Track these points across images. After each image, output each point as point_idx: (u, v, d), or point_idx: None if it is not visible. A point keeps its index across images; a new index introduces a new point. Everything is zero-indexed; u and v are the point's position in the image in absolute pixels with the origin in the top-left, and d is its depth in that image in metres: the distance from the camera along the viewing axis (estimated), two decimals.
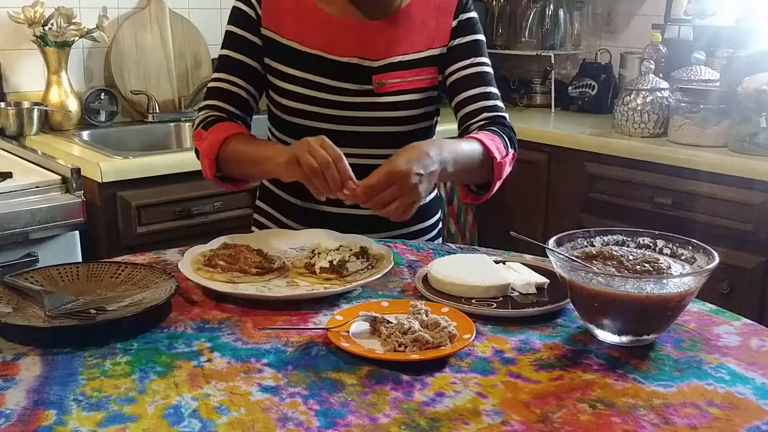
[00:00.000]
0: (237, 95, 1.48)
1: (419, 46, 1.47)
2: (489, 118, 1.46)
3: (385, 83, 1.44)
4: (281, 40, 1.46)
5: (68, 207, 2.00)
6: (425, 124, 1.51)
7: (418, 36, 1.47)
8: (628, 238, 1.13)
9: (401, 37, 1.46)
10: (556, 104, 3.20)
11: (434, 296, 1.14)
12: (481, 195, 1.46)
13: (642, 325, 1.01)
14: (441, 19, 1.48)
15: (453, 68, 1.48)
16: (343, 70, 1.44)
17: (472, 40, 1.49)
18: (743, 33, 2.64)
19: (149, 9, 2.84)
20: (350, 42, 1.45)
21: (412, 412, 0.85)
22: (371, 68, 1.45)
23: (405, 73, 1.46)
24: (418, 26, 1.47)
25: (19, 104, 2.56)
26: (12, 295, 1.11)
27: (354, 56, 1.45)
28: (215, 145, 1.39)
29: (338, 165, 1.21)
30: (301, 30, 1.46)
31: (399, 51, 1.46)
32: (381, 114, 1.45)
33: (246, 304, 1.13)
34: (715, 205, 2.33)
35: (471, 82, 1.48)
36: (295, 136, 1.49)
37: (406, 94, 1.46)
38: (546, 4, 3.24)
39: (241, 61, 1.48)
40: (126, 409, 0.84)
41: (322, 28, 1.45)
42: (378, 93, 1.44)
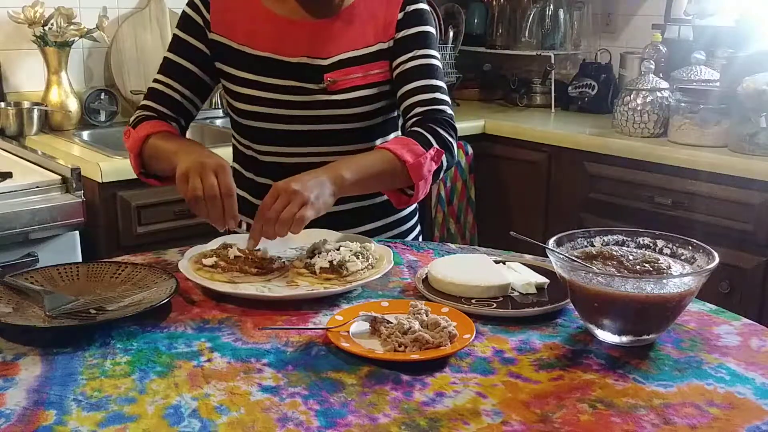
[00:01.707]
0: (172, 98, 1.48)
1: (368, 41, 1.46)
2: (422, 113, 1.42)
3: (337, 81, 1.43)
4: (232, 45, 1.46)
5: (68, 207, 2.00)
6: (382, 118, 1.50)
7: (367, 31, 1.46)
8: (628, 238, 1.13)
9: (350, 33, 1.46)
10: (556, 104, 3.20)
11: (434, 296, 1.14)
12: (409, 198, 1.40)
13: (642, 325, 1.01)
14: (389, 12, 1.47)
15: (398, 61, 1.46)
16: (294, 71, 1.44)
17: (417, 32, 1.47)
18: (743, 33, 2.64)
19: (149, 9, 2.84)
20: (299, 42, 1.45)
21: (412, 412, 0.85)
22: (321, 67, 1.44)
23: (356, 69, 1.45)
24: (367, 21, 1.46)
25: (19, 104, 2.57)
26: (12, 295, 1.11)
27: (304, 56, 1.44)
28: (138, 141, 1.40)
29: (225, 200, 1.19)
30: (252, 33, 1.45)
31: (348, 47, 1.45)
32: (335, 112, 1.45)
33: (246, 304, 1.13)
34: (715, 205, 2.33)
35: (412, 75, 1.45)
36: (255, 140, 1.50)
37: (359, 90, 1.45)
38: (546, 4, 3.24)
39: (181, 65, 1.48)
40: (126, 409, 0.84)
41: (272, 30, 1.45)
42: (331, 91, 1.44)
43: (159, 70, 1.51)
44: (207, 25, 1.47)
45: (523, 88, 3.35)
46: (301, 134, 1.46)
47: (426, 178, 1.36)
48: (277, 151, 1.48)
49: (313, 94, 1.44)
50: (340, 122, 1.46)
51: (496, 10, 3.38)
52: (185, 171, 1.22)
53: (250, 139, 1.51)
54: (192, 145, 1.37)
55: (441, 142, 1.39)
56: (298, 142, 1.46)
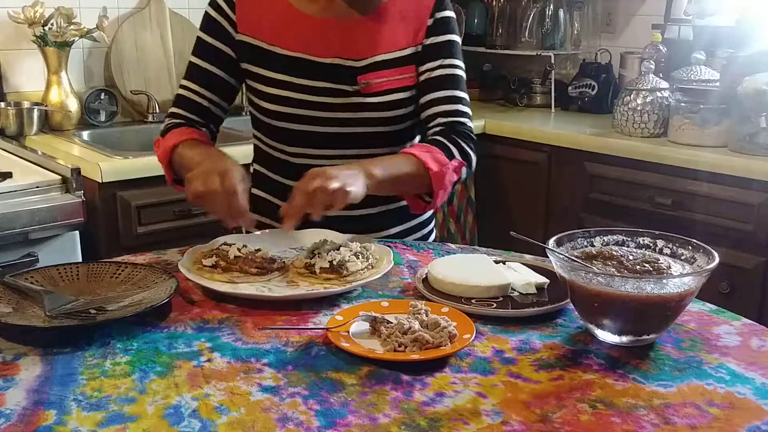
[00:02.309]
0: (200, 105, 1.48)
1: (400, 44, 1.45)
2: (444, 123, 1.44)
3: (371, 83, 1.43)
4: (260, 45, 1.44)
5: (68, 207, 2.00)
6: (410, 122, 1.50)
7: (399, 34, 1.45)
8: (628, 238, 1.13)
9: (383, 35, 1.45)
10: (556, 104, 3.20)
11: (434, 296, 1.14)
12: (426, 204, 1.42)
13: (642, 325, 1.01)
14: (419, 16, 1.46)
15: (423, 68, 1.46)
16: (327, 71, 1.42)
17: (445, 40, 1.47)
18: (743, 33, 2.64)
19: (149, 9, 2.84)
20: (332, 42, 1.43)
21: (412, 412, 0.85)
22: (355, 68, 1.43)
23: (389, 72, 1.44)
24: (398, 23, 1.46)
25: (19, 104, 2.57)
26: (12, 295, 1.11)
27: (336, 57, 1.43)
28: (167, 151, 1.42)
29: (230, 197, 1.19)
30: (281, 32, 1.43)
31: (381, 50, 1.44)
32: (368, 115, 1.44)
33: (246, 304, 1.13)
34: (715, 205, 2.33)
35: (437, 84, 1.46)
36: (282, 141, 1.49)
37: (392, 94, 1.44)
38: (546, 4, 3.24)
39: (207, 70, 1.47)
40: (126, 409, 0.84)
41: (302, 30, 1.43)
42: (364, 93, 1.43)
43: (185, 76, 1.50)
44: (233, 25, 1.45)
45: (523, 88, 3.35)
46: (332, 136, 1.44)
47: (446, 188, 1.38)
48: (306, 152, 1.46)
49: (347, 96, 1.43)
50: (372, 125, 1.45)
51: (496, 10, 3.37)
52: (194, 176, 1.22)
53: (277, 139, 1.49)
54: (212, 154, 1.35)
55: (463, 155, 1.41)
56: (328, 144, 1.44)
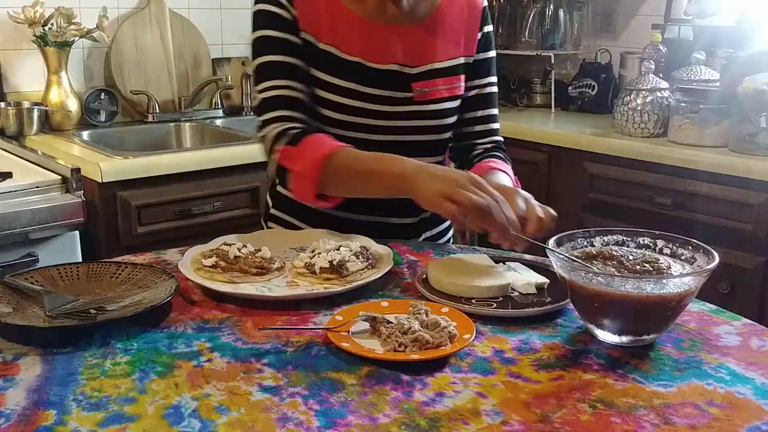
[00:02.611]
0: (303, 103, 1.36)
1: (453, 53, 1.45)
2: (494, 142, 1.50)
3: (427, 91, 1.41)
4: (319, 45, 1.37)
5: (68, 207, 2.01)
6: (451, 133, 1.50)
7: (451, 42, 1.44)
8: (628, 238, 1.13)
9: (437, 42, 1.43)
10: (556, 104, 3.20)
11: (434, 296, 1.14)
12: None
13: (642, 325, 1.01)
14: (469, 28, 1.46)
15: (473, 83, 1.48)
16: (383, 78, 1.38)
17: (489, 57, 1.50)
18: (743, 33, 2.64)
19: (149, 9, 2.85)
20: (389, 48, 1.39)
21: (412, 412, 0.85)
22: (410, 75, 1.40)
23: (442, 81, 1.43)
24: (449, 32, 1.44)
25: (19, 104, 2.57)
26: (12, 295, 1.11)
27: (394, 63, 1.39)
28: (318, 163, 1.27)
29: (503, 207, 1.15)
30: (338, 34, 1.37)
31: (436, 57, 1.43)
32: (420, 123, 1.42)
33: (246, 304, 1.13)
34: (715, 205, 2.33)
35: (483, 102, 1.49)
36: None
37: (445, 102, 1.43)
38: (546, 4, 3.24)
39: (292, 63, 1.36)
40: (126, 409, 0.84)
41: (359, 33, 1.38)
42: (417, 101, 1.41)
43: (265, 78, 1.36)
44: (296, 21, 1.36)
45: (523, 88, 3.35)
46: (382, 144, 1.39)
47: None
48: None
49: (401, 104, 1.40)
50: (423, 133, 1.44)
51: (496, 10, 3.38)
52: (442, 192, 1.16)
53: None
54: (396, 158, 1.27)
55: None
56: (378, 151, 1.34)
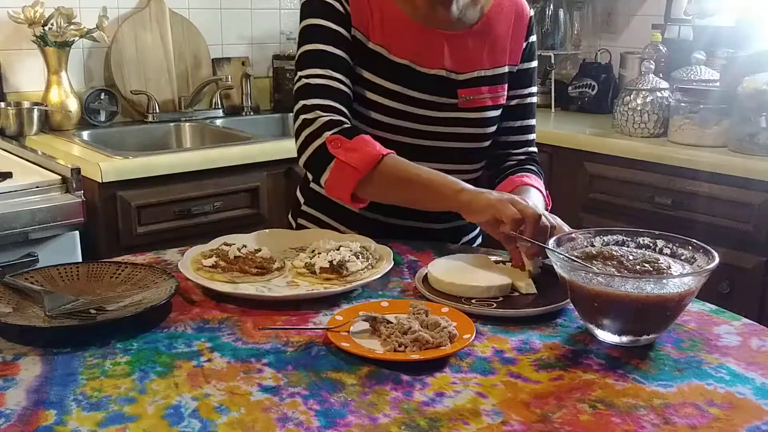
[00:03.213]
0: (347, 96, 1.34)
1: (500, 61, 1.44)
2: (528, 153, 1.51)
3: (473, 98, 1.40)
4: (369, 45, 1.36)
5: (68, 207, 2.00)
6: (491, 141, 1.49)
7: (497, 50, 1.44)
8: (628, 238, 1.13)
9: (484, 50, 1.42)
10: (556, 104, 3.20)
11: (434, 296, 1.14)
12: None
13: (642, 325, 1.01)
14: (515, 37, 1.46)
15: (515, 93, 1.48)
16: (430, 83, 1.38)
17: (533, 67, 1.50)
18: (743, 33, 2.64)
19: (149, 9, 2.84)
20: (438, 53, 1.38)
21: (412, 412, 0.85)
22: (457, 82, 1.40)
23: (489, 89, 1.42)
24: (495, 40, 1.43)
25: (19, 104, 2.57)
26: (12, 295, 1.11)
27: (441, 69, 1.38)
28: (372, 158, 1.25)
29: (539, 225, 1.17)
30: (388, 35, 1.36)
31: (483, 65, 1.42)
32: (464, 130, 1.42)
33: (246, 304, 1.13)
34: (715, 205, 2.33)
35: (524, 112, 1.50)
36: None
37: (489, 111, 1.43)
38: (546, 4, 3.24)
39: (341, 56, 1.33)
40: (126, 409, 0.84)
41: (409, 36, 1.37)
42: (461, 108, 1.40)
43: (312, 64, 1.33)
44: (349, 16, 1.34)
45: None
46: (424, 149, 1.39)
47: None
48: None
49: (445, 110, 1.40)
50: (466, 140, 1.43)
51: None
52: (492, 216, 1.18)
53: None
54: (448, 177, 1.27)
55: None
56: (420, 157, 1.34)
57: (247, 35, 3.14)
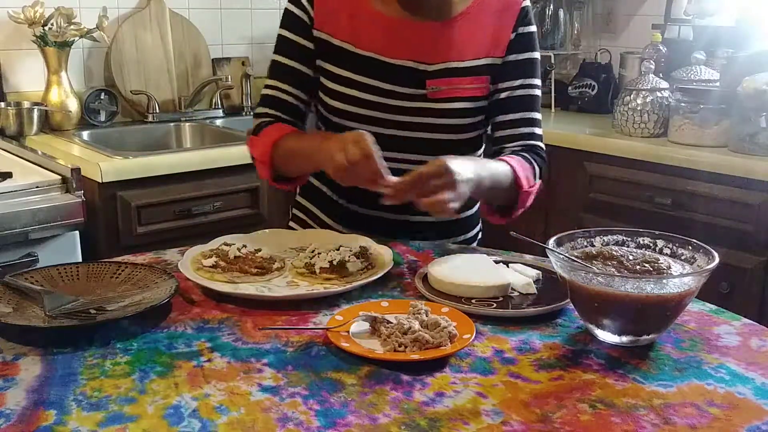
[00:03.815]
0: (287, 103, 1.46)
1: (476, 54, 1.43)
2: (526, 146, 1.46)
3: (440, 89, 1.41)
4: (335, 42, 1.42)
5: (68, 207, 2.00)
6: (475, 133, 1.48)
7: (476, 43, 1.43)
8: (628, 238, 1.13)
9: (458, 42, 1.42)
10: (556, 104, 3.20)
11: (434, 296, 1.14)
12: (504, 216, 1.44)
13: (642, 325, 1.01)
14: (501, 28, 1.44)
15: (502, 85, 1.45)
16: (397, 74, 1.40)
17: (527, 58, 1.46)
18: (743, 33, 2.64)
19: (149, 9, 2.84)
20: (405, 44, 1.41)
21: (412, 412, 0.85)
22: (426, 72, 1.41)
23: (460, 80, 1.42)
24: (477, 33, 1.43)
25: (19, 104, 2.57)
26: (12, 295, 1.11)
27: (409, 59, 1.41)
28: (268, 147, 1.38)
29: (369, 162, 1.18)
30: (356, 31, 1.42)
31: (455, 57, 1.42)
32: (433, 120, 1.42)
33: (246, 304, 1.13)
34: (715, 205, 2.33)
35: (517, 105, 1.46)
36: None
37: (459, 102, 1.43)
38: (546, 4, 3.24)
39: (292, 67, 1.45)
40: (126, 409, 0.84)
41: (377, 30, 1.41)
42: (431, 99, 1.41)
43: (270, 74, 1.48)
44: (311, 21, 1.43)
45: None
46: (394, 139, 1.41)
47: (526, 208, 1.39)
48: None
49: (413, 100, 1.41)
50: (436, 131, 1.43)
51: None
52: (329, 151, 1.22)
53: None
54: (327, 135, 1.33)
55: (541, 180, 1.43)
56: (392, 147, 1.38)
57: (247, 35, 3.14)
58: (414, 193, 1.19)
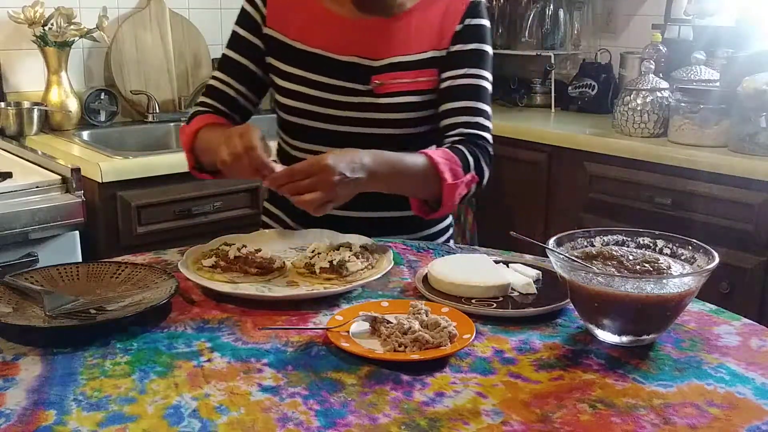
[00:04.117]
0: (227, 94, 1.50)
1: (421, 47, 1.44)
2: (465, 135, 1.42)
3: (384, 83, 1.42)
4: (285, 40, 1.46)
5: (68, 207, 2.01)
6: (426, 127, 1.48)
7: (422, 36, 1.45)
8: (628, 238, 1.13)
9: (403, 37, 1.44)
10: (556, 104, 3.20)
11: (434, 296, 1.14)
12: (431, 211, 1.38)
13: (642, 325, 1.01)
14: (447, 21, 1.45)
15: (447, 75, 1.44)
16: (343, 69, 1.43)
17: (473, 49, 1.45)
18: (743, 33, 2.64)
19: (149, 9, 2.85)
20: (353, 41, 1.44)
21: (412, 412, 0.84)
22: (371, 68, 1.43)
23: (405, 74, 1.43)
24: (422, 27, 1.45)
25: (19, 104, 2.57)
26: (12, 295, 1.11)
27: (354, 55, 1.44)
28: (190, 136, 1.42)
29: (250, 153, 1.20)
30: (307, 29, 1.45)
31: (400, 51, 1.44)
32: (380, 115, 1.44)
33: (246, 304, 1.13)
34: (715, 205, 2.33)
35: (460, 94, 1.43)
36: (299, 138, 1.49)
37: (406, 96, 1.44)
38: (546, 4, 3.24)
39: (238, 61, 1.49)
40: (126, 409, 0.84)
41: (328, 28, 1.45)
42: (377, 94, 1.43)
43: (217, 67, 1.53)
44: (263, 19, 1.47)
45: (523, 88, 3.35)
46: (345, 135, 1.44)
47: (454, 202, 1.36)
48: (320, 150, 1.40)
49: (359, 96, 1.43)
50: (383, 126, 1.44)
51: (496, 10, 3.38)
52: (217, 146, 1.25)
53: (293, 136, 1.51)
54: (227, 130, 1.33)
55: (478, 169, 1.39)
56: (342, 143, 1.41)
57: None
58: (289, 188, 1.20)
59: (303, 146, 1.50)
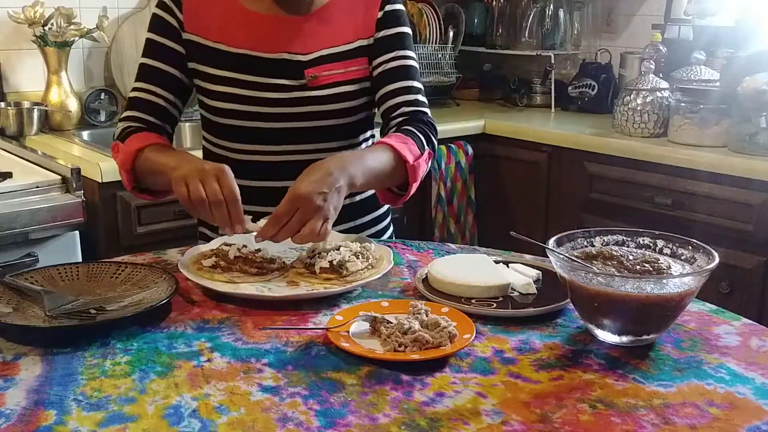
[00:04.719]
0: (155, 105, 1.45)
1: (348, 37, 1.46)
2: (408, 113, 1.45)
3: (318, 76, 1.43)
4: (206, 43, 1.44)
5: (68, 207, 2.00)
6: (362, 115, 1.50)
7: (346, 28, 1.47)
8: (628, 238, 1.13)
9: (329, 30, 1.46)
10: (556, 104, 3.20)
11: (434, 296, 1.14)
12: (400, 196, 1.41)
13: (642, 325, 1.01)
14: (368, 9, 1.48)
15: (377, 61, 1.47)
16: (274, 67, 1.43)
17: (396, 32, 1.49)
18: (743, 33, 2.64)
19: (149, 9, 2.84)
20: (279, 38, 1.44)
21: (412, 412, 0.85)
22: (302, 62, 1.44)
23: (337, 65, 1.45)
24: (345, 18, 1.47)
25: (19, 104, 2.56)
26: (12, 295, 1.12)
27: (284, 52, 1.44)
28: (130, 155, 1.35)
29: (230, 207, 1.17)
30: (226, 30, 1.44)
31: (329, 43, 1.45)
32: (316, 108, 1.44)
33: (246, 304, 1.13)
34: (715, 205, 2.33)
35: (393, 76, 1.47)
36: (231, 139, 1.48)
37: (341, 86, 1.45)
38: (546, 4, 3.24)
39: (159, 69, 1.45)
40: (126, 409, 0.84)
41: (248, 27, 1.44)
42: (312, 87, 1.43)
43: (137, 78, 1.47)
44: (180, 25, 1.45)
45: (523, 88, 3.35)
46: (281, 132, 1.44)
47: (418, 181, 1.37)
48: (256, 149, 1.46)
49: (294, 91, 1.43)
50: (320, 119, 1.45)
51: (496, 10, 3.37)
52: (184, 176, 1.19)
53: (226, 138, 1.49)
54: (188, 156, 1.32)
55: (430, 145, 1.41)
56: (278, 140, 1.44)
57: None
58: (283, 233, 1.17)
59: (235, 147, 1.48)
